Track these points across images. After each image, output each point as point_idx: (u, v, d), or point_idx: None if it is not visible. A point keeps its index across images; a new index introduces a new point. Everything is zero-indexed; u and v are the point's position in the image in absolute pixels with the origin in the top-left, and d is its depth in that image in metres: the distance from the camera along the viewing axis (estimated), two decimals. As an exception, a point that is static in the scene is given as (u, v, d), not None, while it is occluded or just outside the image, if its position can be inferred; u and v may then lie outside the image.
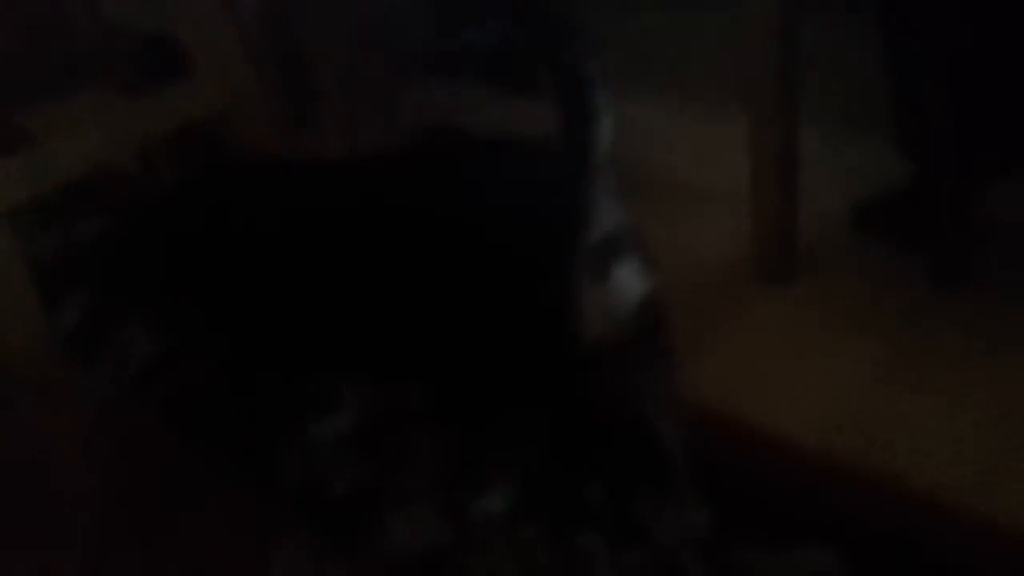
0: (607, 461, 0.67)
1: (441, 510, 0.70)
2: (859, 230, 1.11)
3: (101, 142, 0.97)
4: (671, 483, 0.70)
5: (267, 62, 1.01)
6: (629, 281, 0.69)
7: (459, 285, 0.64)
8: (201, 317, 0.96)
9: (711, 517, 0.71)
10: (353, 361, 0.72)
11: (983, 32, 0.91)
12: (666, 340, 0.72)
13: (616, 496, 0.67)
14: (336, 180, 0.72)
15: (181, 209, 0.80)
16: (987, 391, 0.90)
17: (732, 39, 0.98)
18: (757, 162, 1.02)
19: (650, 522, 0.69)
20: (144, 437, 1.08)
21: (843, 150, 1.24)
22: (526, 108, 1.53)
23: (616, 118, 0.69)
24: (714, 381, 0.97)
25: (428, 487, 0.70)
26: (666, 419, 0.71)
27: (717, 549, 0.72)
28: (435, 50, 1.68)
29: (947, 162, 0.95)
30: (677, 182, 1.31)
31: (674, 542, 0.70)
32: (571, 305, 0.63)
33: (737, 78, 1.00)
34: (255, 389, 1.05)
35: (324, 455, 0.78)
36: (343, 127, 1.30)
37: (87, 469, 0.94)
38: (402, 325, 0.65)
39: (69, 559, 0.87)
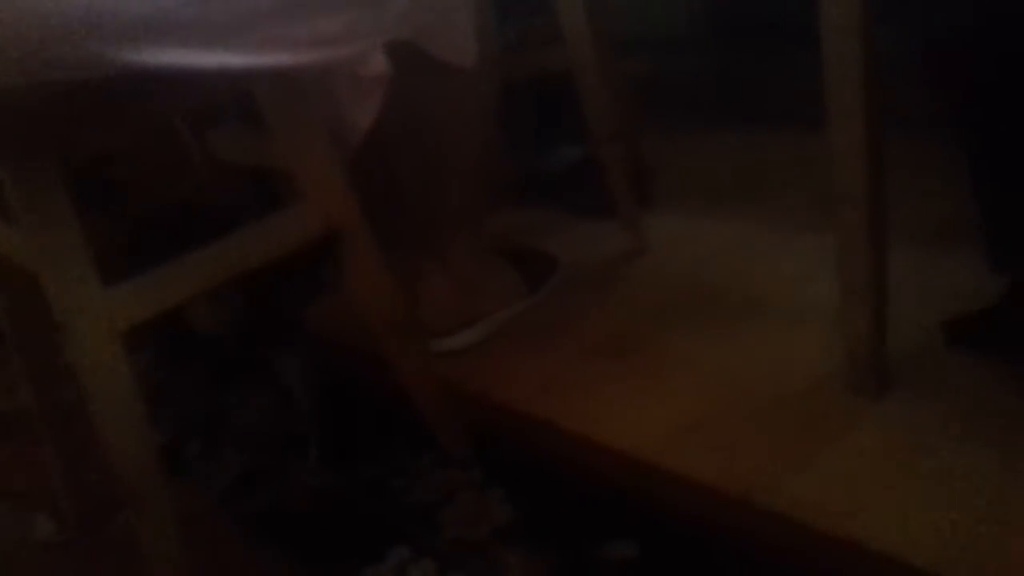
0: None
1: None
2: (953, 342, 1.09)
3: (208, 266, 1.01)
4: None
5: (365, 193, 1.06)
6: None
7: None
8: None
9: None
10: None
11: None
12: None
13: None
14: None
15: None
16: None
17: (819, 155, 1.00)
18: (845, 276, 1.02)
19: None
20: (229, 552, 1.09)
21: (934, 264, 1.24)
22: (592, 230, 1.59)
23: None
24: (812, 498, 0.95)
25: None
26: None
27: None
28: (513, 178, 1.75)
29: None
30: (766, 297, 1.32)
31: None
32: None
33: (824, 193, 1.01)
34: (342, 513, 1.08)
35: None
36: (431, 254, 1.34)
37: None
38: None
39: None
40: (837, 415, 1.05)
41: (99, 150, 1.19)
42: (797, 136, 1.53)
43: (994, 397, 1.02)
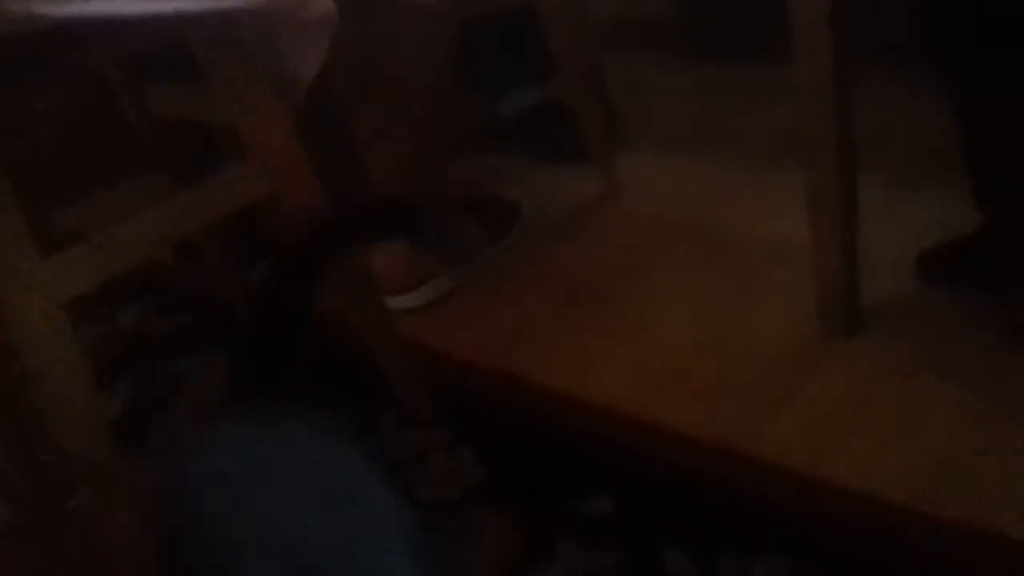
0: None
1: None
2: (925, 277, 1.08)
3: (150, 232, 0.96)
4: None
5: (315, 145, 1.01)
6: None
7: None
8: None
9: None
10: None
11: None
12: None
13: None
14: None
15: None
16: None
17: (787, 91, 0.97)
18: (816, 215, 1.00)
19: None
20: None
21: (905, 200, 1.22)
22: (556, 175, 1.55)
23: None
24: (787, 440, 0.94)
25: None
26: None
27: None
28: (471, 124, 1.70)
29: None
30: (735, 239, 1.29)
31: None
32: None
33: (792, 130, 0.99)
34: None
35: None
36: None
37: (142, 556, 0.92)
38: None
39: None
40: (810, 357, 1.04)
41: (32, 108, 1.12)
42: (763, 72, 1.49)
43: (964, 333, 1.01)
